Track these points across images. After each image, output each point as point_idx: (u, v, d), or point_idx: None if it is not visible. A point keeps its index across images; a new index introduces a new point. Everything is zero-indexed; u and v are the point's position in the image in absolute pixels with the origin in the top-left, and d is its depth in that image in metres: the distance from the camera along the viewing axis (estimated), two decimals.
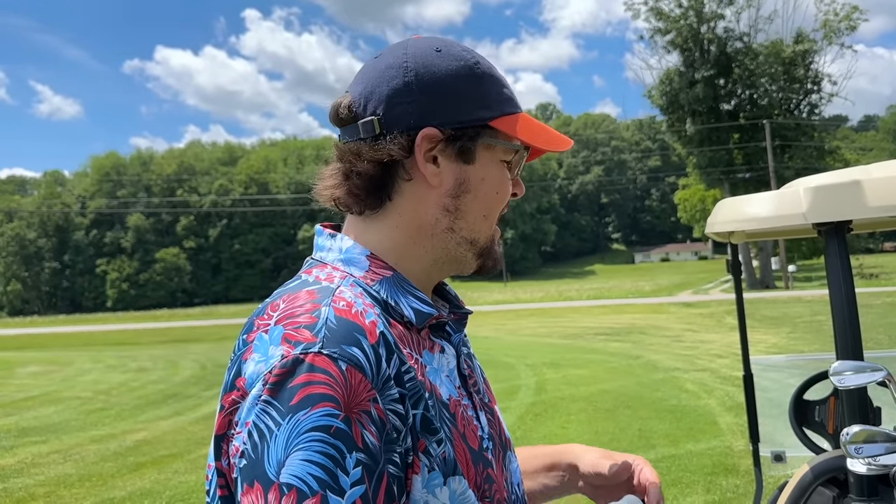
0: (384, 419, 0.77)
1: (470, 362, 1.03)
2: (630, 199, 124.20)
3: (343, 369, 0.76)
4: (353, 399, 0.75)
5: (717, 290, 40.98)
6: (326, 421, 0.73)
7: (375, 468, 0.75)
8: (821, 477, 2.05)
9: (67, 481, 6.73)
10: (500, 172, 0.96)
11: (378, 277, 0.91)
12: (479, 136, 0.93)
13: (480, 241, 0.97)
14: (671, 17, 41.21)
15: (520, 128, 0.95)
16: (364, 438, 0.75)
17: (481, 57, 0.97)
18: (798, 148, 41.48)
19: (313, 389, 0.75)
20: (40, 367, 18.11)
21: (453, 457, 0.85)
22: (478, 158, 0.93)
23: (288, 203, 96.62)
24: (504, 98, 0.96)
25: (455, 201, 0.94)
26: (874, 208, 1.73)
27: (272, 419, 0.74)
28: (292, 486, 0.72)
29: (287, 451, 0.73)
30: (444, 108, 0.91)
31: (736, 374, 10.46)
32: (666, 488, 5.60)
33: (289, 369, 0.76)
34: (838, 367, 1.61)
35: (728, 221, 2.12)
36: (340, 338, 0.79)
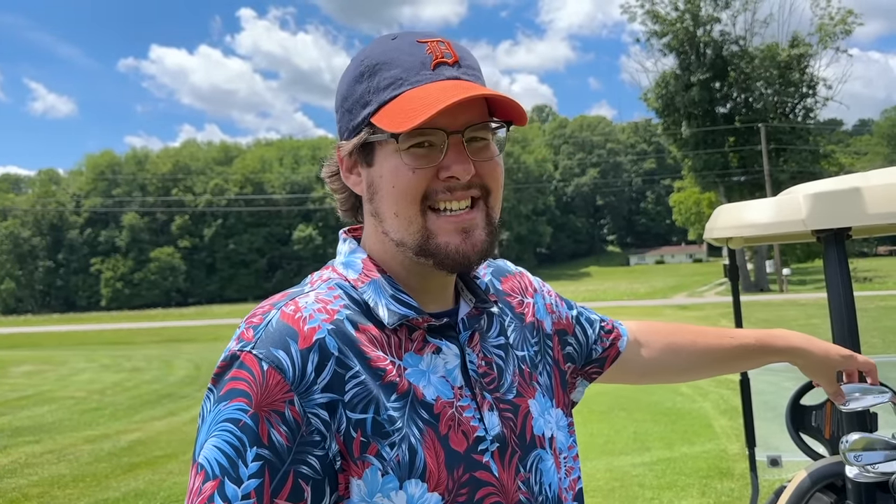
0: (300, 421, 0.81)
1: (498, 356, 1.02)
2: (625, 202, 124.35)
3: (264, 369, 0.82)
4: (266, 398, 0.81)
5: (711, 292, 41.08)
6: (237, 415, 0.80)
7: (280, 466, 0.79)
8: (819, 483, 2.06)
9: (61, 482, 6.70)
10: (391, 164, 0.90)
11: (367, 280, 0.95)
12: (368, 136, 0.92)
13: (407, 241, 0.91)
14: (667, 20, 41.30)
15: (390, 115, 0.87)
16: (270, 436, 0.80)
17: (380, 44, 0.93)
18: (793, 151, 41.60)
19: (236, 385, 0.82)
20: (34, 367, 18.05)
21: (408, 459, 0.85)
22: (376, 157, 0.93)
23: (283, 203, 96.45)
24: (384, 86, 0.90)
25: (372, 205, 0.96)
26: (873, 215, 1.73)
27: (208, 405, 0.84)
28: (203, 466, 0.80)
29: (207, 435, 0.82)
30: (343, 120, 0.96)
31: (730, 378, 10.47)
32: (661, 491, 5.61)
33: (227, 363, 0.85)
34: (846, 389, 1.62)
35: (727, 227, 2.12)
36: (271, 341, 0.84)
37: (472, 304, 1.03)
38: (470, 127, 0.90)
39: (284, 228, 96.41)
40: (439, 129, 0.88)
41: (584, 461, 6.55)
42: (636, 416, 8.36)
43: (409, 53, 0.90)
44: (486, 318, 1.04)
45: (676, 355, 1.33)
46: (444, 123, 0.87)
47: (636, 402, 9.27)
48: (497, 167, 0.95)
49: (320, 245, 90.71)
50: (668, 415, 8.37)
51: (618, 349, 1.27)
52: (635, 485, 5.81)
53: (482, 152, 0.92)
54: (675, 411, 8.53)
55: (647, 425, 7.90)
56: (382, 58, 0.91)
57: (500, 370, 1.01)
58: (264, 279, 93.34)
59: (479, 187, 0.93)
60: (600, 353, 1.25)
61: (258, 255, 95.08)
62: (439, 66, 0.90)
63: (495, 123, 0.93)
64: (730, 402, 8.77)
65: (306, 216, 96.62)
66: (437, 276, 0.96)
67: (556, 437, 1.04)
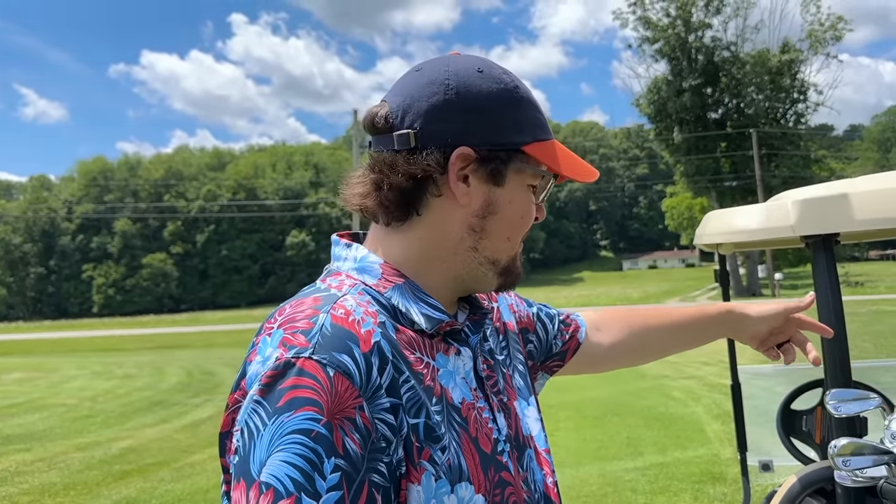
0: (370, 428, 0.78)
1: (491, 360, 1.04)
2: (618, 207, 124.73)
3: (331, 375, 0.78)
4: (337, 405, 0.77)
5: (704, 297, 41.20)
6: (308, 425, 0.75)
7: (356, 476, 0.76)
8: (808, 487, 2.06)
9: (52, 490, 6.66)
10: (526, 197, 0.97)
11: (390, 285, 0.93)
12: (511, 160, 0.94)
13: (502, 261, 0.98)
14: (659, 26, 41.55)
15: (550, 155, 0.97)
16: (345, 445, 0.76)
17: (520, 81, 0.99)
18: (784, 157, 41.83)
19: (299, 393, 0.76)
20: (25, 374, 17.93)
21: (458, 463, 0.85)
22: (507, 181, 0.95)
23: (276, 209, 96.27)
24: (538, 124, 0.97)
25: (481, 221, 0.95)
26: (861, 221, 1.74)
27: (260, 419, 0.77)
28: (270, 485, 0.73)
29: (269, 451, 0.74)
30: (480, 129, 0.92)
31: (723, 382, 10.50)
32: (654, 496, 5.61)
33: (280, 371, 0.78)
34: (834, 395, 1.63)
35: (716, 233, 2.13)
36: (332, 345, 0.80)
37: (466, 311, 1.05)
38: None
39: (277, 234, 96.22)
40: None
41: (578, 466, 6.56)
42: (629, 422, 8.36)
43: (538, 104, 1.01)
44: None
45: (634, 336, 1.40)
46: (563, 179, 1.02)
47: (629, 407, 9.27)
48: None
49: (313, 251, 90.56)
50: (661, 420, 8.37)
51: (577, 340, 1.34)
52: (628, 490, 5.81)
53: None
54: (668, 416, 8.54)
55: (639, 430, 7.90)
56: (531, 97, 0.98)
57: (499, 373, 1.05)
58: (257, 285, 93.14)
59: None
60: (560, 347, 1.31)
61: (251, 261, 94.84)
62: None
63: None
64: (722, 406, 8.78)
65: (299, 222, 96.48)
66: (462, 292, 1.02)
67: (535, 435, 1.07)
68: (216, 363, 17.95)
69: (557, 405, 9.55)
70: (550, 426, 8.32)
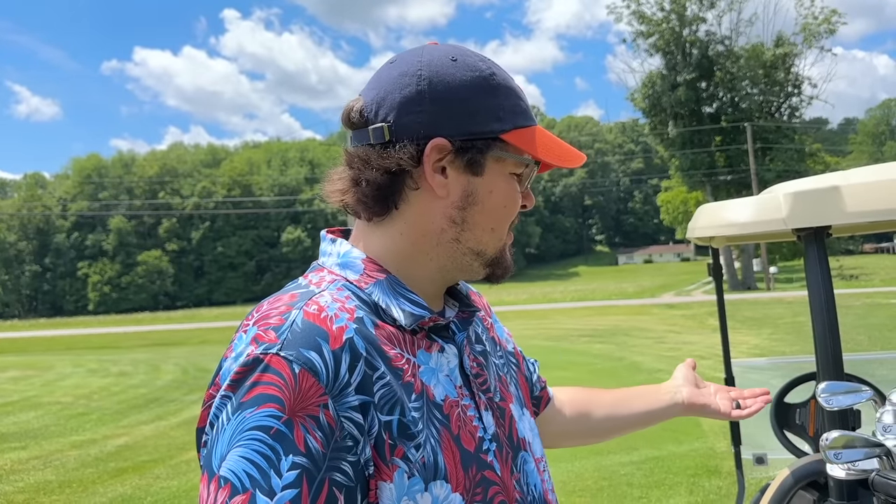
0: (334, 426, 0.78)
1: (483, 360, 1.03)
2: (613, 202, 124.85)
3: (296, 372, 0.77)
4: (300, 403, 0.76)
5: (699, 291, 41.26)
6: (267, 422, 0.75)
7: (316, 474, 0.75)
8: (801, 481, 2.07)
9: (47, 488, 6.65)
10: (509, 185, 0.95)
11: (371, 280, 0.93)
12: (490, 149, 0.92)
13: (488, 252, 0.97)
14: (653, 20, 41.48)
15: (531, 142, 0.94)
16: (306, 442, 0.75)
17: (498, 67, 0.97)
18: (779, 150, 41.86)
19: (262, 389, 0.76)
20: (20, 372, 17.89)
21: (433, 461, 0.84)
22: (487, 171, 0.93)
23: (271, 205, 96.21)
24: (518, 110, 0.95)
25: (462, 213, 0.94)
26: (853, 214, 1.74)
27: (225, 414, 0.77)
28: (228, 479, 0.74)
29: (230, 446, 0.75)
30: (455, 118, 0.90)
31: (718, 375, 10.47)
32: (649, 490, 5.63)
33: (248, 367, 0.78)
34: (826, 388, 1.63)
35: (709, 227, 2.13)
36: (301, 341, 0.80)
37: (455, 308, 1.05)
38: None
39: (273, 231, 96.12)
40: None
41: (573, 461, 6.57)
42: None
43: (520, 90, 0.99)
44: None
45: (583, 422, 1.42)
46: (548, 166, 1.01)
47: None
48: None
49: (309, 247, 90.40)
50: None
51: (549, 395, 1.36)
52: (624, 484, 5.82)
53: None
54: None
55: None
56: (511, 83, 0.96)
57: (490, 371, 1.04)
58: (253, 282, 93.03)
59: None
60: (539, 391, 1.33)
61: (246, 257, 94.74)
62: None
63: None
64: None
65: (295, 218, 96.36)
66: (448, 282, 1.01)
67: (532, 442, 1.06)
68: (212, 360, 17.91)
69: None
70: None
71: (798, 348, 13.03)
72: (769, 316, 20.39)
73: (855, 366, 2.69)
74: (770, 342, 14.37)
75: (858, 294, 26.20)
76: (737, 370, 2.97)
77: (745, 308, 23.70)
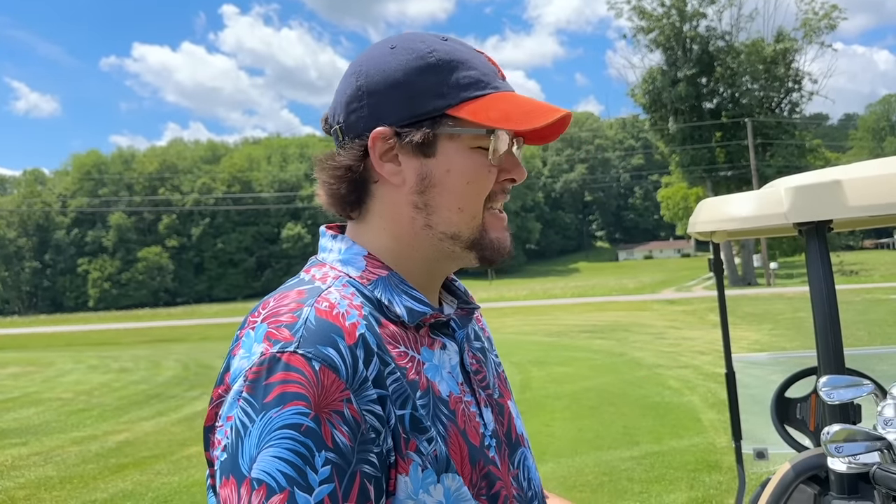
0: (359, 420, 0.78)
1: (482, 357, 1.04)
2: (613, 197, 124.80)
3: (316, 369, 0.77)
4: (324, 399, 0.77)
5: (699, 287, 41.26)
6: (297, 419, 0.75)
7: (347, 468, 0.76)
8: (802, 475, 2.07)
9: (48, 483, 6.66)
10: (470, 161, 0.91)
11: (374, 277, 0.93)
12: (438, 127, 0.90)
13: (464, 234, 0.93)
14: (654, 15, 41.44)
15: (485, 111, 0.89)
16: (334, 438, 0.76)
17: (442, 43, 0.94)
18: (779, 146, 41.84)
19: (286, 388, 0.76)
20: (20, 368, 17.90)
21: (446, 454, 0.85)
22: (440, 150, 0.91)
23: (271, 201, 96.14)
24: (467, 82, 0.91)
25: (422, 197, 0.92)
26: (854, 208, 1.74)
27: (247, 415, 0.76)
28: (262, 481, 0.73)
29: (259, 448, 0.74)
30: (394, 105, 0.90)
31: (718, 371, 10.53)
32: (649, 485, 5.63)
33: (265, 367, 0.78)
34: (827, 382, 1.63)
35: (710, 221, 2.13)
36: (317, 338, 0.80)
37: (453, 305, 1.04)
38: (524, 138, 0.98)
39: (273, 227, 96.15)
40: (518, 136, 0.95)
41: (574, 456, 6.57)
42: (624, 411, 8.39)
43: (479, 58, 0.94)
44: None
45: None
46: (521, 132, 0.95)
47: (624, 396, 9.30)
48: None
49: (309, 243, 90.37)
50: (657, 409, 8.40)
51: None
52: (624, 479, 5.82)
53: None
54: (664, 405, 8.57)
55: (635, 419, 7.92)
56: (456, 56, 0.92)
57: (489, 368, 1.04)
58: (253, 278, 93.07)
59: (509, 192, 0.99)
60: None
61: (246, 254, 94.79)
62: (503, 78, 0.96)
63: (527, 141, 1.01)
64: (718, 395, 8.81)
65: (295, 214, 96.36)
66: (441, 274, 1.00)
67: (526, 438, 1.07)
68: (212, 356, 17.93)
69: (553, 395, 9.57)
70: (546, 416, 8.35)
71: (798, 344, 13.03)
72: (769, 311, 20.40)
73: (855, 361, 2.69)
74: (770, 338, 14.38)
75: (858, 289, 26.20)
76: (737, 365, 2.97)
77: (746, 304, 23.70)
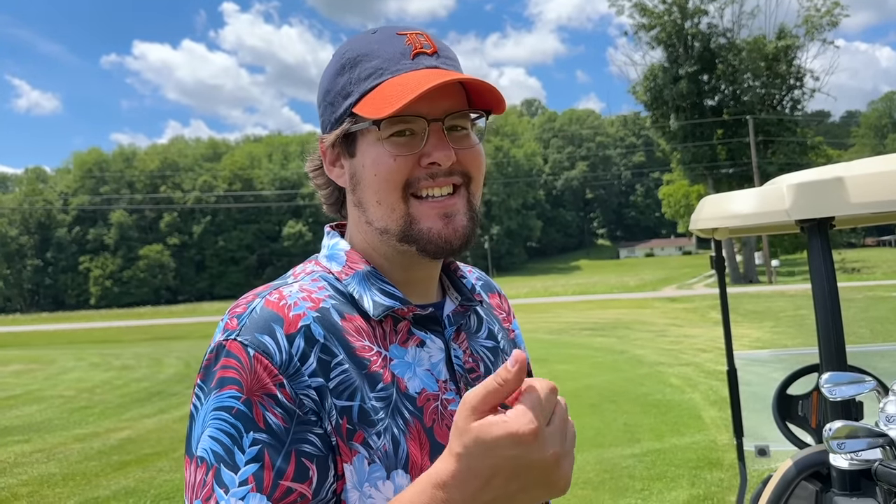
0: (293, 403, 0.82)
1: (487, 356, 1.03)
2: (615, 195, 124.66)
3: (251, 355, 0.82)
4: (256, 383, 0.81)
5: (700, 284, 41.25)
6: (229, 402, 0.80)
7: (280, 448, 0.79)
8: (804, 471, 2.07)
9: (51, 480, 6.68)
10: (377, 154, 0.91)
11: (351, 272, 0.96)
12: (350, 126, 0.93)
13: (391, 228, 0.93)
14: (655, 13, 41.35)
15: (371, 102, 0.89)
16: (266, 419, 0.80)
17: (359, 38, 0.96)
18: (781, 143, 41.77)
19: (224, 373, 0.82)
20: (23, 366, 17.94)
21: (393, 449, 0.86)
22: (359, 148, 0.94)
23: (272, 199, 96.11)
24: (365, 76, 0.91)
25: (355, 196, 0.97)
26: (856, 205, 1.74)
27: (199, 399, 0.84)
28: (203, 458, 0.80)
29: (202, 428, 0.81)
30: (325, 112, 0.98)
31: (720, 369, 10.53)
32: (651, 482, 5.64)
33: (214, 354, 0.85)
34: (829, 379, 1.63)
35: (712, 218, 2.13)
36: (256, 327, 0.84)
37: (457, 301, 1.04)
38: (450, 115, 0.91)
39: (274, 225, 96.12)
40: (419, 117, 0.89)
41: (575, 453, 6.58)
42: (626, 409, 8.39)
43: (389, 45, 0.92)
44: (475, 318, 1.06)
45: None
46: (424, 111, 0.89)
47: (626, 394, 9.30)
48: (478, 155, 0.96)
49: (310, 241, 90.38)
50: (658, 406, 8.40)
51: None
52: (625, 476, 5.83)
53: (463, 140, 0.94)
54: (665, 403, 8.57)
55: (636, 417, 7.93)
56: (363, 50, 0.93)
57: (487, 369, 1.02)
58: (254, 276, 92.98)
59: (461, 174, 0.94)
60: None
61: (248, 251, 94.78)
62: (419, 56, 0.91)
63: (475, 113, 0.95)
64: (719, 392, 8.81)
65: (296, 212, 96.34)
66: (420, 266, 0.98)
67: None
68: None
69: None
70: None
71: (800, 341, 13.03)
72: (771, 309, 20.39)
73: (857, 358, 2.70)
74: (772, 335, 14.38)
75: (860, 287, 26.18)
76: (739, 363, 2.97)
77: (747, 301, 23.69)
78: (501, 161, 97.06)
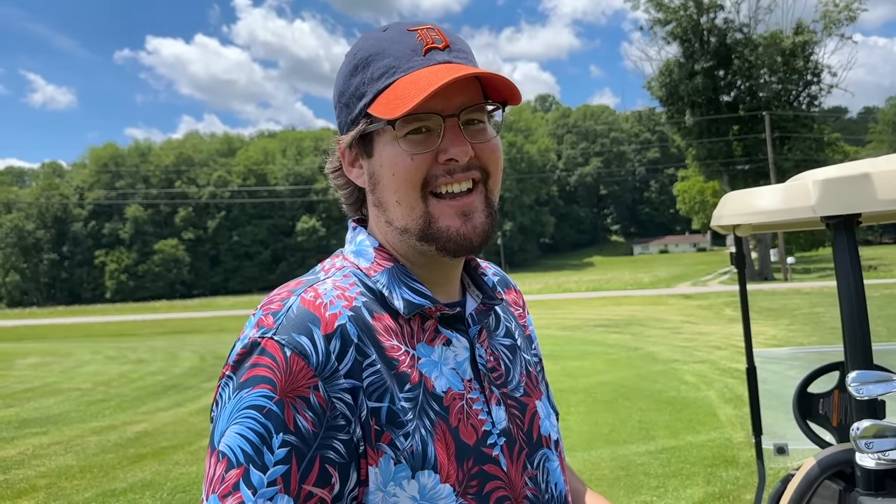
0: (325, 407, 0.81)
1: (507, 354, 1.03)
2: (629, 191, 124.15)
3: (287, 356, 0.82)
4: (290, 384, 0.81)
5: (715, 281, 41.03)
6: (261, 402, 0.80)
7: (306, 451, 0.79)
8: (827, 470, 2.05)
9: (68, 472, 6.73)
10: (393, 153, 0.91)
11: (380, 269, 0.95)
12: (366, 127, 0.93)
13: (411, 227, 0.93)
14: (671, 7, 41.07)
15: (385, 102, 0.89)
16: (297, 422, 0.80)
17: (371, 36, 0.95)
18: (797, 140, 41.41)
19: (257, 371, 0.81)
20: (40, 359, 18.11)
21: (423, 451, 0.85)
22: (377, 148, 0.94)
23: (286, 195, 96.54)
24: (378, 75, 0.91)
25: (375, 196, 0.96)
26: (884, 201, 1.72)
27: (227, 393, 0.83)
28: (224, 454, 0.79)
29: (228, 423, 0.81)
30: (341, 114, 0.97)
31: (735, 366, 10.47)
32: (666, 480, 5.62)
33: (247, 350, 0.84)
34: (856, 377, 1.61)
35: (735, 214, 2.11)
36: (293, 326, 0.84)
37: (479, 299, 1.04)
38: (465, 109, 0.91)
39: (288, 220, 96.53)
40: (434, 114, 0.89)
41: (590, 450, 6.56)
42: (640, 406, 8.36)
43: (400, 42, 0.91)
44: (493, 317, 1.06)
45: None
46: (439, 107, 0.89)
47: (641, 391, 9.27)
48: (496, 149, 0.95)
49: (324, 236, 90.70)
50: (673, 404, 8.36)
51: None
52: (640, 473, 5.81)
53: (479, 134, 0.93)
54: (680, 400, 8.53)
55: (651, 414, 7.90)
56: (374, 49, 0.92)
57: (507, 368, 1.02)
58: (268, 271, 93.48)
59: (479, 169, 0.93)
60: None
61: (262, 246, 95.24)
62: (430, 52, 0.91)
63: (490, 105, 0.94)
64: (734, 390, 8.76)
65: (309, 207, 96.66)
66: (442, 265, 0.97)
67: (559, 441, 1.06)
68: (228, 348, 17.72)
69: (569, 390, 9.55)
70: (562, 411, 8.32)
71: (816, 339, 12.93)
72: (787, 307, 20.26)
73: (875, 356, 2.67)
74: (788, 333, 14.27)
75: (877, 285, 25.95)
76: (757, 360, 2.94)
77: (763, 299, 23.54)
78: (515, 157, 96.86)
